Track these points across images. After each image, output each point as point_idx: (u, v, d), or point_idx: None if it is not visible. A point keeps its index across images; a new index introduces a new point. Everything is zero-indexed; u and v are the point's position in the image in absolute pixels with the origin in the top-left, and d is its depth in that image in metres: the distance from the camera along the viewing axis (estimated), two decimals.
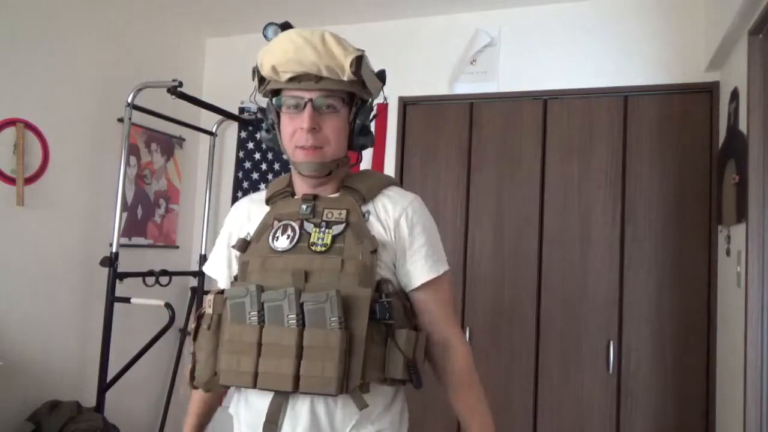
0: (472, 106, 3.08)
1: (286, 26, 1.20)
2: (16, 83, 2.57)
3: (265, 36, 1.20)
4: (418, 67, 3.12)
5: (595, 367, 2.76)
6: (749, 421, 2.01)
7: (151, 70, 3.12)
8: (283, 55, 1.13)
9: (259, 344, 1.10)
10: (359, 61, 1.12)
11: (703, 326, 2.63)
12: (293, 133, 1.18)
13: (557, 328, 2.83)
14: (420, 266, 1.20)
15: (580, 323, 2.80)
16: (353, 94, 1.19)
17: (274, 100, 1.21)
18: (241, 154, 3.52)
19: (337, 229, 1.16)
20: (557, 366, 2.81)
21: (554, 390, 2.81)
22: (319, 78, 1.14)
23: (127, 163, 2.89)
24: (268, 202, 1.28)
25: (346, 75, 1.13)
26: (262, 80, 1.21)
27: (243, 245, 1.23)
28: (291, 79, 1.15)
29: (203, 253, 3.41)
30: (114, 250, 2.75)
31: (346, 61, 1.12)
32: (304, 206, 1.20)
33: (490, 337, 2.92)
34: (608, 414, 2.72)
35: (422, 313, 1.23)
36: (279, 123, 1.22)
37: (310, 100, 1.15)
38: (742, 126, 2.17)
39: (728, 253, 2.40)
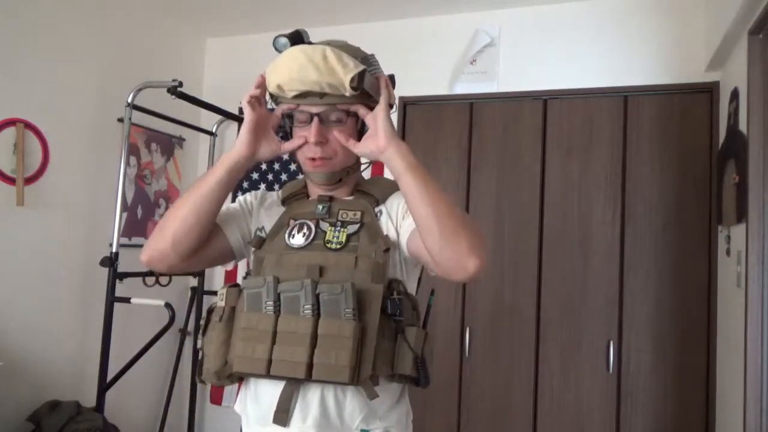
0: (472, 106, 3.08)
1: (295, 36, 1.22)
2: (16, 83, 2.57)
3: (275, 48, 1.22)
4: (418, 67, 3.12)
5: (595, 367, 2.75)
6: (749, 421, 2.01)
7: (151, 70, 3.12)
8: (287, 74, 1.17)
9: (275, 332, 1.14)
10: (360, 76, 1.15)
11: (703, 326, 2.63)
12: (303, 144, 1.22)
13: (557, 328, 2.83)
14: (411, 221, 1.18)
15: (580, 323, 2.80)
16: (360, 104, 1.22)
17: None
18: None
19: (351, 228, 1.22)
20: (557, 366, 2.81)
21: (554, 390, 2.81)
22: (323, 94, 1.17)
23: (127, 163, 2.89)
24: (283, 203, 1.33)
25: (348, 91, 1.16)
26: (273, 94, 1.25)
27: (258, 242, 1.26)
28: (296, 96, 1.19)
29: None
30: (114, 250, 2.75)
31: (346, 79, 1.14)
32: (320, 206, 1.26)
33: (490, 337, 2.92)
34: (608, 414, 2.72)
35: (419, 250, 1.16)
36: (293, 133, 1.27)
37: (317, 114, 1.19)
38: (742, 126, 2.17)
39: (728, 253, 2.40)
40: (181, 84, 2.78)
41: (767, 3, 1.87)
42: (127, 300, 2.72)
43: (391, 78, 1.29)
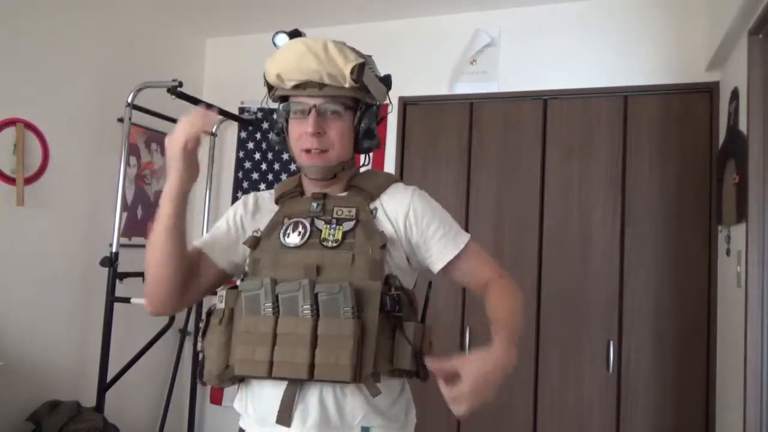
0: (472, 106, 3.08)
1: (294, 33, 1.25)
2: (16, 83, 2.57)
3: (273, 43, 1.24)
4: (418, 67, 3.12)
5: (595, 367, 2.75)
6: (749, 421, 2.01)
7: (151, 70, 3.11)
8: (286, 63, 1.18)
9: (274, 334, 1.14)
10: (360, 68, 1.16)
11: (703, 326, 2.63)
12: (299, 137, 1.23)
13: (557, 328, 2.83)
14: (441, 248, 1.25)
15: (580, 323, 2.79)
16: (357, 99, 1.23)
17: (282, 105, 1.26)
18: (241, 154, 3.52)
19: (347, 225, 1.21)
20: (557, 366, 2.81)
21: (554, 390, 2.81)
22: (322, 85, 1.18)
23: (127, 163, 2.89)
24: (277, 201, 1.32)
25: (348, 82, 1.16)
26: (270, 87, 1.26)
27: (254, 242, 1.25)
28: (296, 87, 1.20)
29: None
30: (114, 250, 2.75)
31: (347, 69, 1.15)
32: (314, 204, 1.25)
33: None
34: (608, 414, 2.72)
35: (463, 282, 1.29)
36: (288, 127, 1.27)
37: (314, 106, 1.20)
38: (742, 126, 2.17)
39: (728, 253, 2.40)
40: (181, 84, 2.78)
41: (767, 3, 1.87)
42: (127, 300, 2.72)
43: (388, 77, 1.30)
